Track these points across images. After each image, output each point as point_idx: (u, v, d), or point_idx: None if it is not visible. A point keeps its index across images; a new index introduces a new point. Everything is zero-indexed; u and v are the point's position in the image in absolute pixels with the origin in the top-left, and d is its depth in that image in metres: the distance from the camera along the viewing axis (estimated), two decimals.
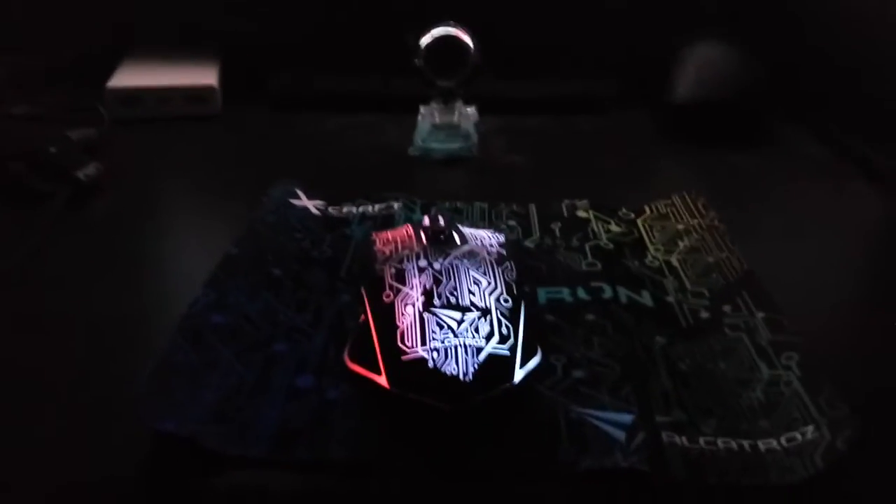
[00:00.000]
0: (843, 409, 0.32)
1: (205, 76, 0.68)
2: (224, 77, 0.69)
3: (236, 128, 0.66)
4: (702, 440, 0.31)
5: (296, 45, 0.74)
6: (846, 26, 0.66)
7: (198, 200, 0.55)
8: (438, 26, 0.59)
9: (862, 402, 0.33)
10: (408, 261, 0.37)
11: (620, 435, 0.31)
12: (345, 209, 0.50)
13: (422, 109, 0.62)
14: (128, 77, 0.67)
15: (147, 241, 0.48)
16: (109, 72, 0.67)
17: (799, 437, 0.31)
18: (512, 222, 0.49)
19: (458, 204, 0.52)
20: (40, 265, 0.44)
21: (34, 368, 0.36)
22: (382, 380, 0.33)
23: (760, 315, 0.39)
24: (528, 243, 0.47)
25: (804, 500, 0.30)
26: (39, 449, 0.32)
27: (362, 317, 0.37)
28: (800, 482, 0.29)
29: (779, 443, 0.31)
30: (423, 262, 0.37)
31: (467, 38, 0.58)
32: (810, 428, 0.32)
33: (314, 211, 0.50)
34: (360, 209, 0.50)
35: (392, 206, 0.51)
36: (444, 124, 0.61)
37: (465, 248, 0.38)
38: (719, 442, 0.31)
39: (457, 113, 0.61)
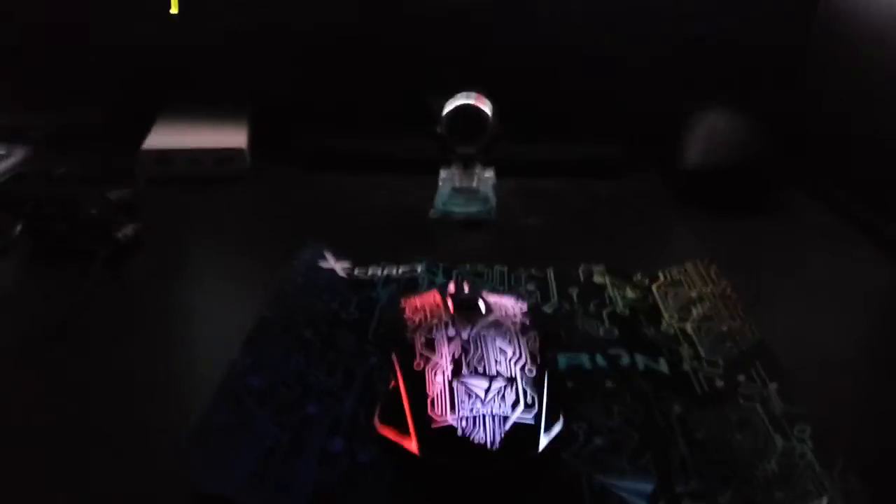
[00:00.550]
0: (856, 482, 0.33)
1: (234, 137, 0.71)
2: (253, 136, 0.72)
3: (265, 187, 0.69)
4: None
5: (324, 107, 0.77)
6: (855, 87, 0.68)
7: (230, 260, 0.57)
8: (459, 94, 0.62)
9: (875, 468, 0.34)
10: (437, 330, 0.39)
11: None
12: (370, 272, 0.52)
13: (442, 173, 0.65)
14: (160, 138, 0.70)
15: (183, 301, 0.50)
16: (142, 130, 0.70)
17: None
18: (531, 287, 0.51)
19: (479, 267, 0.54)
20: (83, 323, 0.46)
21: (71, 424, 0.38)
22: (413, 445, 0.35)
23: (773, 386, 0.41)
24: (547, 308, 0.49)
25: None
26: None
27: (392, 382, 0.38)
28: None
29: None
30: (451, 332, 0.39)
31: (486, 107, 0.61)
32: (824, 501, 0.33)
33: (341, 273, 0.52)
34: (385, 272, 0.52)
35: (415, 269, 0.53)
36: (464, 188, 0.63)
37: (491, 318, 0.40)
38: None
39: (476, 177, 0.64)
